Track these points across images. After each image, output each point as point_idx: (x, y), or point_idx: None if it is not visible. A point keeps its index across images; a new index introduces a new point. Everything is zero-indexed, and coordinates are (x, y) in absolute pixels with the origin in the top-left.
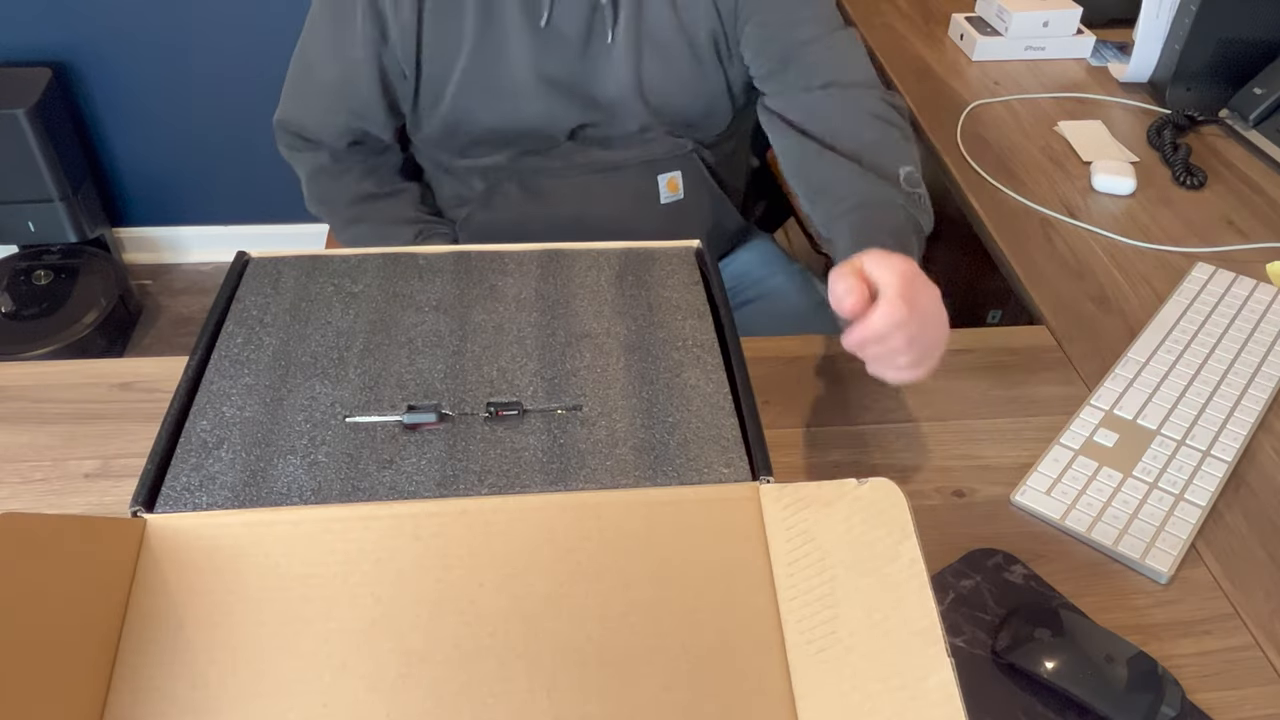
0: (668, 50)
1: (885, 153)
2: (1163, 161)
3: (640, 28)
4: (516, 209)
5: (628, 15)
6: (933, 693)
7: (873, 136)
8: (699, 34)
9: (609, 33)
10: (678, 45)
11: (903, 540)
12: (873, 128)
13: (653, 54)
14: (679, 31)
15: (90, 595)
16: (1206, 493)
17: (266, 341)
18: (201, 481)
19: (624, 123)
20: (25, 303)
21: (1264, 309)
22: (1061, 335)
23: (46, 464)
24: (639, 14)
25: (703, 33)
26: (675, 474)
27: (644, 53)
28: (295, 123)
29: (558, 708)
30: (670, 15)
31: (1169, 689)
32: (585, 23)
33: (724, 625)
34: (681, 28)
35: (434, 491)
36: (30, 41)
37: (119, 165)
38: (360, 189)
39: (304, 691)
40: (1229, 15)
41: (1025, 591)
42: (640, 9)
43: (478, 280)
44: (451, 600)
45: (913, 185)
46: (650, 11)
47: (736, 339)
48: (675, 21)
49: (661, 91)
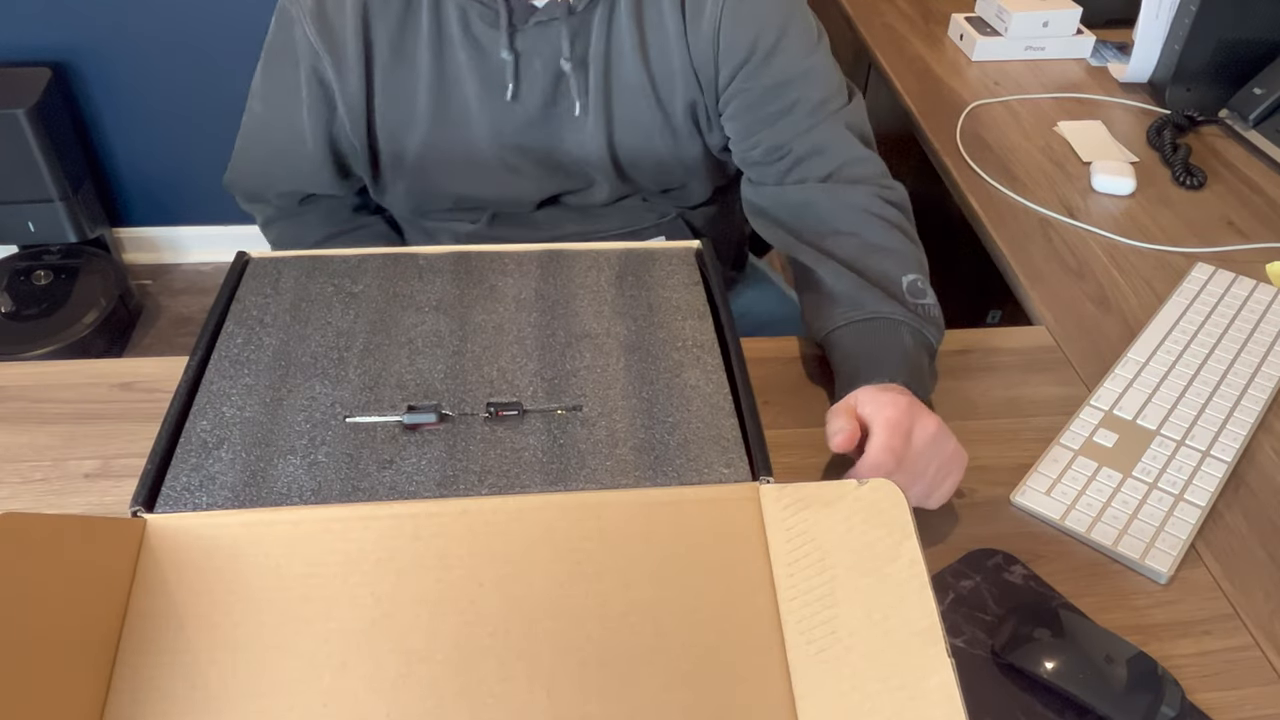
0: (641, 120)
1: (887, 259)
2: (1162, 162)
3: (610, 97)
4: None
5: (596, 85)
6: (933, 693)
7: (873, 239)
8: (675, 104)
9: (576, 104)
10: (651, 115)
11: (903, 540)
12: (872, 229)
13: (625, 124)
14: (653, 102)
15: (90, 595)
16: (1206, 493)
17: (266, 341)
18: (201, 481)
19: (598, 192)
20: (25, 303)
21: (1264, 309)
22: (1061, 335)
23: (46, 464)
24: (607, 83)
25: (679, 103)
26: (675, 474)
27: (615, 122)
28: (242, 186)
29: (558, 708)
30: (643, 83)
31: (1169, 689)
32: (550, 94)
33: (724, 625)
34: (656, 98)
35: (434, 491)
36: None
37: (119, 165)
38: (321, 231)
39: (304, 691)
40: (1229, 15)
41: (1025, 592)
42: (609, 78)
43: (478, 280)
44: (451, 600)
45: (917, 296)
46: (621, 80)
47: (736, 339)
48: (649, 91)
49: (636, 162)
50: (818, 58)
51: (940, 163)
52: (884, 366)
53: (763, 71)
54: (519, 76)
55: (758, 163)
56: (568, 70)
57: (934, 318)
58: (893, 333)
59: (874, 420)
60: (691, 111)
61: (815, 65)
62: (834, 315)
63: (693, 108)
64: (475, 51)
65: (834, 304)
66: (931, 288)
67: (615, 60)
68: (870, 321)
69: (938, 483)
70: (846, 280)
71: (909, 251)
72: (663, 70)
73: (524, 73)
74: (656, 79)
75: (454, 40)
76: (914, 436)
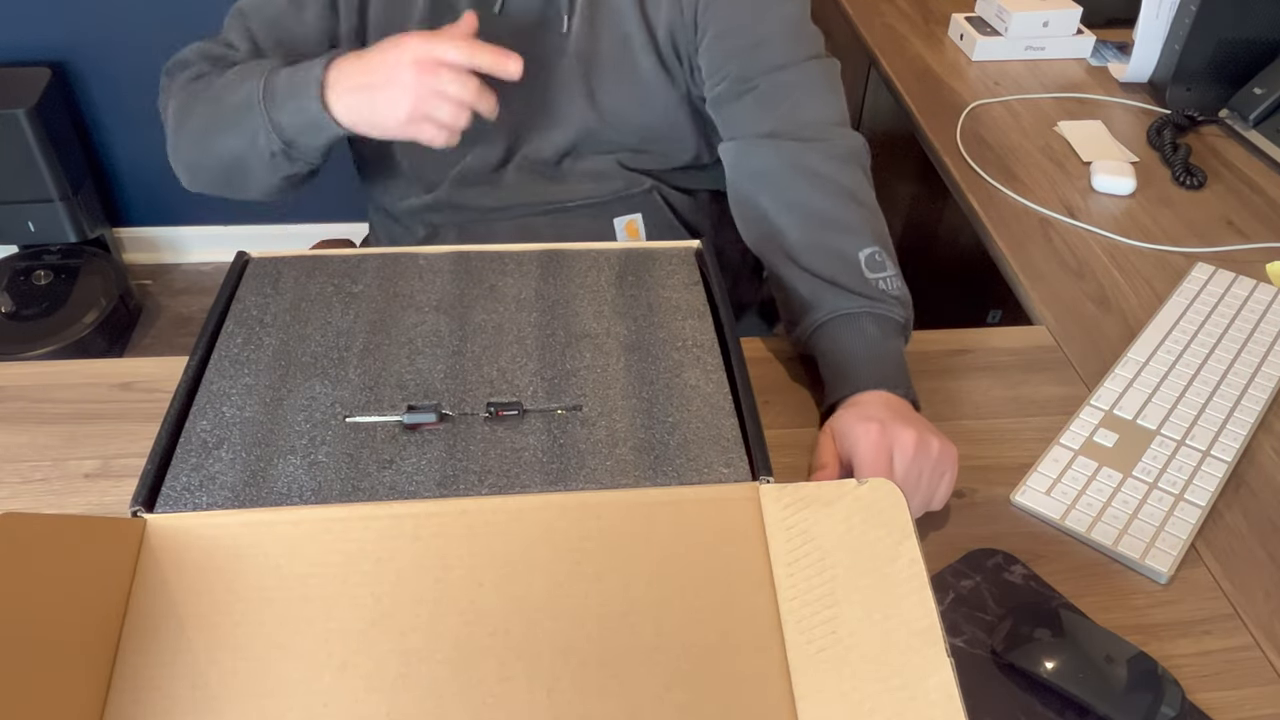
0: (623, 45)
1: (841, 236)
2: (1162, 161)
3: (595, 15)
4: None
5: (584, 3)
6: (933, 693)
7: (827, 212)
8: (659, 29)
9: (564, 19)
10: (639, 36)
11: (902, 540)
12: (825, 200)
13: (607, 45)
14: (640, 24)
15: (90, 595)
16: (1206, 493)
17: (266, 341)
18: (201, 481)
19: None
20: (25, 303)
21: (1264, 309)
22: (1061, 335)
23: (46, 464)
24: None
25: (662, 29)
26: (675, 474)
27: (599, 42)
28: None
29: (558, 708)
30: (631, 5)
31: (1169, 689)
32: (539, 9)
33: (724, 625)
34: (643, 16)
35: (434, 491)
36: (30, 41)
37: (119, 165)
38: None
39: (304, 691)
40: (1229, 15)
41: (1025, 591)
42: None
43: (478, 280)
44: (451, 600)
45: (876, 270)
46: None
47: (736, 339)
48: (637, 11)
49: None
50: (796, 5)
51: (940, 163)
52: (850, 376)
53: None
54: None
55: (724, 97)
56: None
57: (896, 293)
58: (852, 328)
59: (853, 456)
60: (671, 38)
61: (793, 11)
62: (802, 325)
63: (674, 34)
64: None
65: (800, 311)
66: (893, 256)
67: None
68: (830, 322)
69: (933, 487)
70: (805, 284)
71: (863, 221)
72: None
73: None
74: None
75: None
76: (895, 459)
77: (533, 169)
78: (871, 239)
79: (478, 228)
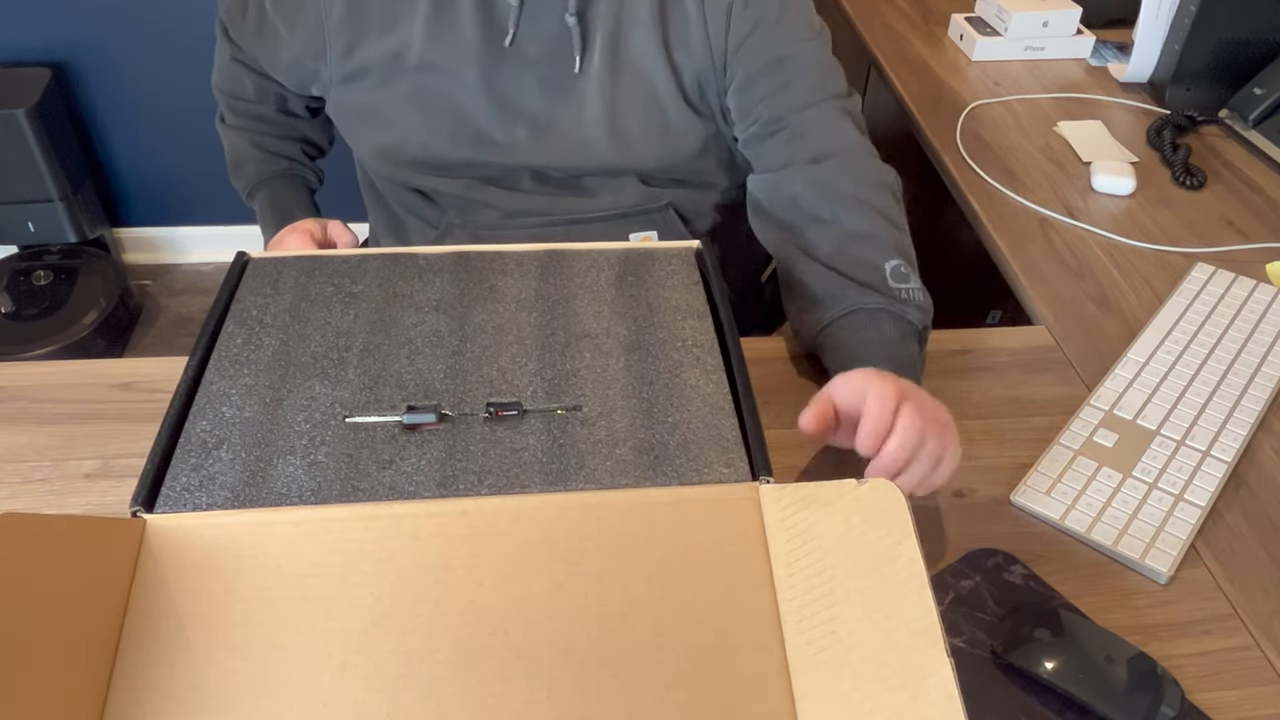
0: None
1: (868, 246)
2: (1162, 162)
3: (617, 60)
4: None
5: (604, 46)
6: (932, 693)
7: (854, 226)
8: (686, 75)
9: (576, 60)
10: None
11: (902, 540)
12: (854, 215)
13: (630, 89)
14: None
15: (90, 595)
16: (1206, 493)
17: (266, 341)
18: (201, 482)
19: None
20: (25, 303)
21: (1264, 309)
22: (1061, 335)
23: (46, 464)
24: (615, 46)
25: (689, 74)
26: (675, 474)
27: (619, 87)
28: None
29: (558, 708)
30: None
31: (1168, 689)
32: (550, 49)
33: (724, 625)
34: (670, 66)
35: (434, 491)
36: (30, 41)
37: (119, 165)
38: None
39: (304, 691)
40: (1229, 15)
41: (1025, 592)
42: (618, 40)
43: (478, 280)
44: (451, 600)
45: (900, 280)
46: (632, 45)
47: (736, 339)
48: (663, 59)
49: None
50: (818, 45)
51: (940, 163)
52: (865, 360)
53: (765, 44)
54: (520, 24)
55: (756, 138)
56: (571, 25)
57: (918, 302)
58: (872, 323)
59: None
60: (699, 84)
61: (816, 51)
62: (816, 319)
63: (701, 80)
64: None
65: (815, 307)
66: (917, 273)
67: (627, 24)
68: (848, 316)
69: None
70: (826, 280)
71: (891, 236)
72: (679, 39)
73: (526, 21)
74: (671, 46)
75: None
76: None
77: (552, 181)
78: (898, 254)
79: (492, 236)
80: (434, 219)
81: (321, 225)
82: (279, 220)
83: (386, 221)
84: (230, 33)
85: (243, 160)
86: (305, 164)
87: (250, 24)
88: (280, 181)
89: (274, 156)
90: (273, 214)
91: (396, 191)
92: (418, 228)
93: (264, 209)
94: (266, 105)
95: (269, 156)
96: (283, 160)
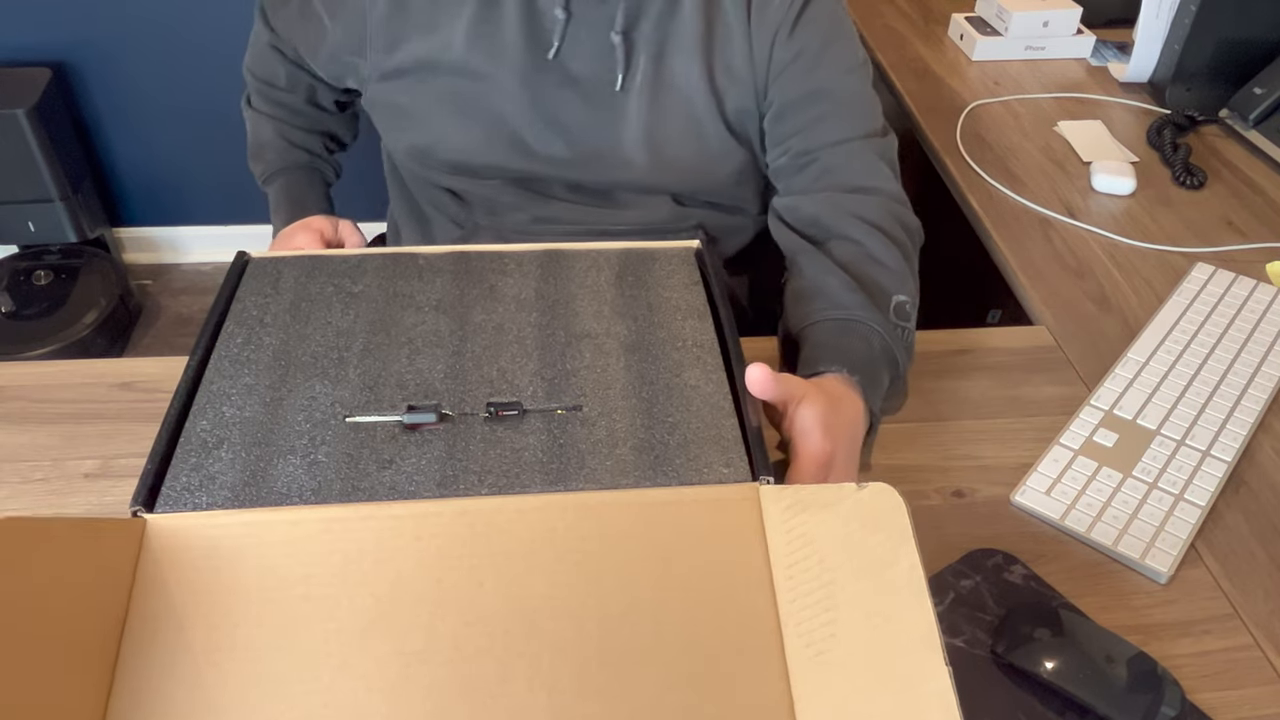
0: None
1: (884, 274)
2: (1162, 161)
3: (659, 81)
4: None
5: (646, 66)
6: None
7: (875, 252)
8: (728, 102)
9: (618, 78)
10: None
11: (901, 544)
12: (876, 243)
13: (668, 111)
14: (707, 95)
15: (90, 595)
16: (1206, 493)
17: (266, 341)
18: (201, 481)
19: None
20: (25, 303)
21: (1264, 309)
22: (1061, 335)
23: (46, 464)
24: (659, 68)
25: (731, 102)
26: (675, 474)
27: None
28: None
29: (558, 708)
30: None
31: (1169, 689)
32: (593, 64)
33: (724, 626)
34: (712, 89)
35: (434, 491)
36: (30, 41)
37: (119, 165)
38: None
39: (304, 691)
40: (1229, 15)
41: (1025, 592)
42: (661, 62)
43: (478, 280)
44: (451, 600)
45: (901, 318)
46: (674, 68)
47: (736, 339)
48: (705, 84)
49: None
50: (858, 79)
51: (940, 162)
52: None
53: (804, 75)
54: (565, 38)
55: (786, 170)
56: (616, 43)
57: (909, 344)
58: (865, 338)
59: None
60: (740, 110)
61: (855, 85)
62: (817, 308)
63: (742, 106)
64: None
65: (818, 297)
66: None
67: (672, 47)
68: (848, 321)
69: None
70: (837, 277)
71: (905, 274)
72: (723, 64)
73: (571, 35)
74: (715, 71)
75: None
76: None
77: (585, 190)
78: (906, 294)
79: (518, 240)
80: (461, 218)
81: (333, 224)
82: (292, 210)
83: (409, 213)
84: (269, 17)
85: (264, 146)
86: (325, 158)
87: (293, 9)
88: (299, 174)
89: (295, 148)
90: (287, 204)
91: (424, 188)
92: (442, 224)
93: (278, 197)
94: (296, 95)
95: (290, 147)
96: (303, 152)
